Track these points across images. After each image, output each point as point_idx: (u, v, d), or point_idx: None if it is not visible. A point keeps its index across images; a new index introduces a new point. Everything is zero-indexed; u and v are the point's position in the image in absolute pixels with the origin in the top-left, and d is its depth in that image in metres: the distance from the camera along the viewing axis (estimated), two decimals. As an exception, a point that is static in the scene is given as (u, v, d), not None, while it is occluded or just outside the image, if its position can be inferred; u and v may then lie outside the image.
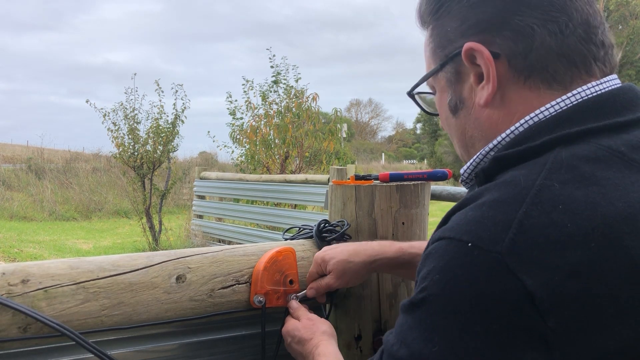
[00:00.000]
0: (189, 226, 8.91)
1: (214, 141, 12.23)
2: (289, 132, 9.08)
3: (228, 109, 9.92)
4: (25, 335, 0.85)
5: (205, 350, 1.06)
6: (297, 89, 9.74)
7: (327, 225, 1.23)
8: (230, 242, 7.58)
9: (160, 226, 9.02)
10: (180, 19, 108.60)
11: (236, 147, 10.01)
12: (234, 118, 9.92)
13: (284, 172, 8.99)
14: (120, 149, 9.06)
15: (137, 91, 9.76)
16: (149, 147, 9.09)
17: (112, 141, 9.11)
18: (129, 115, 9.10)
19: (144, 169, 9.06)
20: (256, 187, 7.53)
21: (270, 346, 1.10)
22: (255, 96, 9.88)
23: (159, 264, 0.99)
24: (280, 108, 9.60)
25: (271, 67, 9.93)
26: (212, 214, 8.60)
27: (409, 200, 1.23)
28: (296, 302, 1.10)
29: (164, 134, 9.05)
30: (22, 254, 8.09)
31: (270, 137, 9.41)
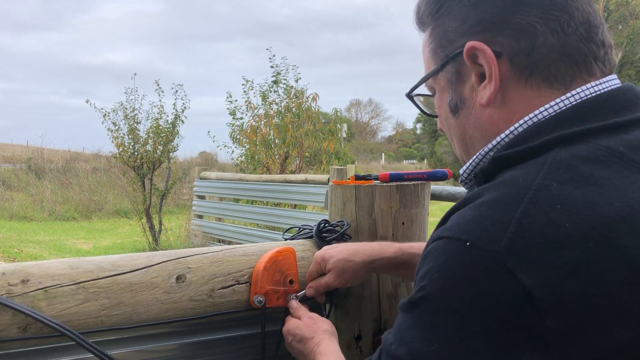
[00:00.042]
0: (189, 226, 8.91)
1: (214, 141, 12.26)
2: (289, 132, 9.08)
3: (228, 109, 9.94)
4: (25, 335, 0.85)
5: (205, 350, 1.06)
6: (297, 89, 9.74)
7: (327, 225, 1.23)
8: (230, 242, 7.58)
9: (160, 226, 9.02)
10: (180, 19, 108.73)
11: (236, 147, 10.02)
12: (234, 118, 9.92)
13: (284, 172, 8.99)
14: (120, 149, 9.06)
15: (137, 91, 9.78)
16: (149, 147, 9.09)
17: (112, 141, 9.13)
18: (129, 115, 9.10)
19: (144, 169, 9.06)
20: (256, 187, 7.53)
21: (270, 346, 1.10)
22: (255, 96, 9.90)
23: (159, 264, 0.99)
24: (280, 108, 9.60)
25: (271, 67, 9.94)
26: (212, 214, 8.60)
27: (409, 200, 1.23)
28: (296, 302, 1.10)
29: (164, 134, 9.05)
30: (22, 254, 8.09)
31: (270, 137, 9.40)
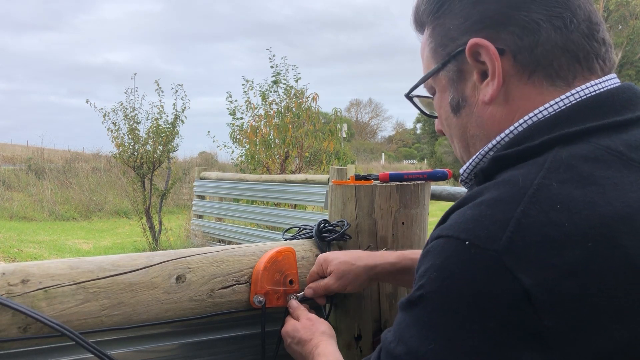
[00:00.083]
0: (189, 226, 8.91)
1: (214, 141, 12.25)
2: (289, 132, 9.08)
3: (228, 109, 9.94)
4: (25, 335, 0.85)
5: (205, 350, 1.06)
6: (297, 89, 9.74)
7: (327, 225, 1.23)
8: (230, 242, 7.58)
9: (160, 226, 9.02)
10: (180, 19, 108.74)
11: (236, 147, 10.02)
12: (234, 118, 9.92)
13: (284, 172, 8.99)
14: (120, 149, 9.06)
15: (137, 91, 9.78)
16: (149, 147, 9.09)
17: (112, 141, 9.13)
18: (129, 115, 9.10)
19: (144, 169, 9.06)
20: (256, 187, 7.52)
21: (270, 346, 1.10)
22: (255, 96, 9.90)
23: (159, 264, 0.99)
24: (280, 108, 9.60)
25: (271, 67, 9.94)
26: (212, 214, 8.60)
27: (409, 200, 1.23)
28: (296, 302, 1.10)
29: (164, 134, 9.05)
30: (22, 254, 8.09)
31: (270, 137, 9.40)
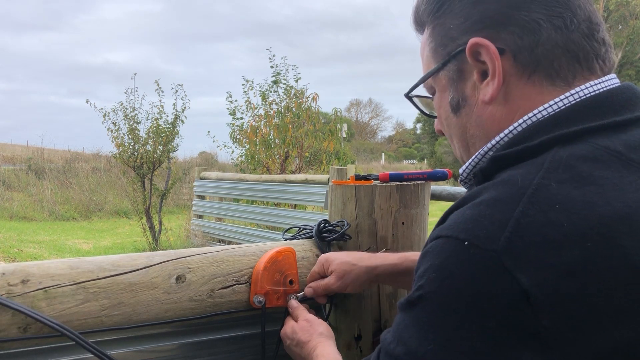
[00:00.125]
0: (189, 226, 8.91)
1: (214, 141, 12.26)
2: (289, 132, 9.08)
3: (228, 109, 9.94)
4: (25, 335, 0.85)
5: (205, 350, 1.06)
6: (297, 89, 9.74)
7: (327, 225, 1.23)
8: (230, 242, 7.58)
9: (160, 226, 9.02)
10: (180, 19, 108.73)
11: (236, 147, 10.02)
12: (234, 118, 9.92)
13: (284, 172, 8.99)
14: (120, 149, 9.06)
15: (137, 91, 9.78)
16: (149, 147, 9.09)
17: (112, 141, 9.13)
18: (129, 115, 9.10)
19: (144, 169, 9.06)
20: (256, 187, 7.53)
21: (270, 346, 1.10)
22: (255, 96, 9.90)
23: (159, 264, 0.99)
24: (280, 108, 9.60)
25: (271, 67, 9.94)
26: (212, 214, 8.60)
27: (409, 200, 1.23)
28: (296, 302, 1.10)
29: (164, 134, 9.05)
30: (22, 254, 8.09)
31: (270, 137, 9.40)
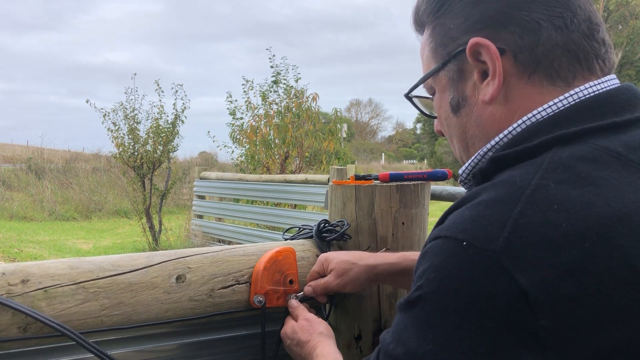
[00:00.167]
0: (189, 226, 8.91)
1: (214, 141, 12.26)
2: (289, 132, 9.08)
3: (228, 109, 9.94)
4: (25, 335, 0.85)
5: (205, 350, 1.06)
6: (297, 89, 9.74)
7: (327, 225, 1.23)
8: (230, 242, 7.58)
9: (160, 226, 9.02)
10: (180, 19, 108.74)
11: (236, 147, 10.03)
12: (234, 118, 9.93)
13: (284, 172, 8.99)
14: (120, 149, 9.06)
15: (137, 91, 9.78)
16: (149, 147, 9.10)
17: (112, 141, 9.13)
18: (129, 115, 9.10)
19: (144, 169, 9.06)
20: (256, 187, 7.53)
21: (270, 346, 1.10)
22: (255, 96, 9.90)
23: (159, 264, 0.99)
24: (280, 108, 9.60)
25: (271, 67, 9.95)
26: (212, 214, 8.60)
27: (409, 200, 1.23)
28: (295, 301, 1.10)
29: (164, 134, 9.05)
30: (22, 254, 8.09)
31: (270, 137, 9.41)
